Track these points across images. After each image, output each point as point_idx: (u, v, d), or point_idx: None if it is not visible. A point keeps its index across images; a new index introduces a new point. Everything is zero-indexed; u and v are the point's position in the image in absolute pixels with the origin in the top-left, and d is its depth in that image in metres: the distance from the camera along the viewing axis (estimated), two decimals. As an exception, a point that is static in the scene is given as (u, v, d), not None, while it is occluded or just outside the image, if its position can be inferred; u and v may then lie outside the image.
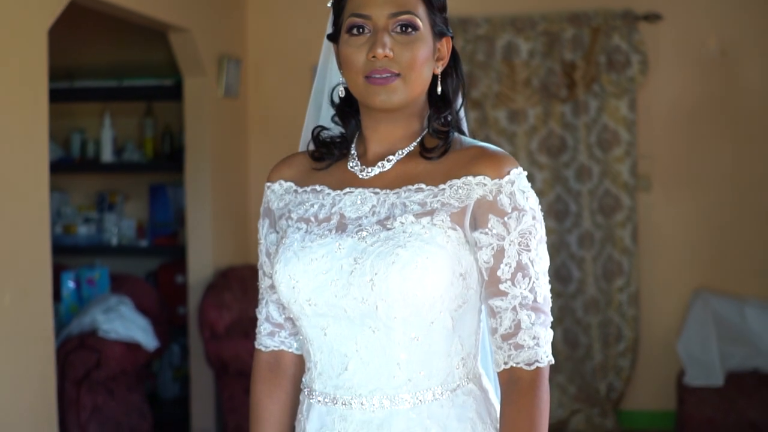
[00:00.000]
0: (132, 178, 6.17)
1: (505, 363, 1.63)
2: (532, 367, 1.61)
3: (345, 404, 1.65)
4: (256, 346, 1.84)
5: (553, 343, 5.52)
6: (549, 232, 5.54)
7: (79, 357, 4.76)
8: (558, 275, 5.62)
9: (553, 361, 1.64)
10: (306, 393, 1.73)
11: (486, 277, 1.63)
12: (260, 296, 1.83)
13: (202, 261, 5.35)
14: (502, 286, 1.62)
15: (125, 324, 4.86)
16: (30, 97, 3.67)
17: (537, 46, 5.57)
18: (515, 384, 1.61)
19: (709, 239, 5.60)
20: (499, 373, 1.65)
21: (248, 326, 5.00)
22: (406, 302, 1.59)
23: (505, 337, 1.62)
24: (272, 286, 1.79)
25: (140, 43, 5.92)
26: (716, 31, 5.51)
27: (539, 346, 1.62)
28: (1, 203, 3.49)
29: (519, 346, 1.61)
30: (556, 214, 5.61)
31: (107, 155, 5.91)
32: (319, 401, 1.68)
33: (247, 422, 4.95)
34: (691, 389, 5.27)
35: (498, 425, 1.67)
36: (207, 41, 5.26)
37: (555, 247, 5.61)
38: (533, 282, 1.62)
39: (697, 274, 5.60)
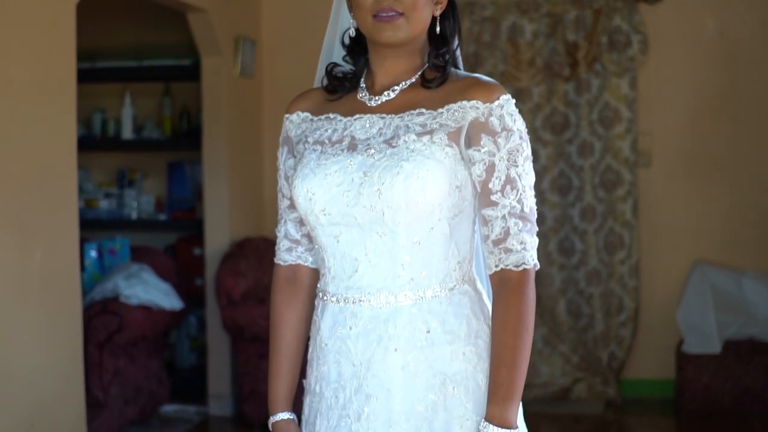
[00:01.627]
0: (150, 156, 6.40)
1: (496, 266, 1.85)
2: (520, 269, 1.83)
3: (355, 302, 1.88)
4: (276, 261, 2.06)
5: (557, 313, 5.67)
6: (552, 206, 5.77)
7: (101, 321, 4.98)
8: (561, 247, 5.83)
9: (538, 266, 1.86)
10: (321, 296, 1.95)
11: (479, 190, 1.86)
12: (279, 217, 2.06)
13: (219, 233, 5.57)
14: (493, 197, 1.84)
15: (146, 288, 5.09)
16: (59, 69, 3.88)
17: (541, 27, 5.78)
18: (505, 284, 1.84)
19: (707, 213, 5.79)
20: (490, 276, 1.87)
21: (263, 293, 5.22)
22: (409, 209, 1.81)
23: (496, 243, 1.84)
24: (290, 206, 2.02)
25: (159, 25, 6.14)
26: (714, 13, 5.71)
27: (526, 250, 1.84)
28: (32, 166, 3.70)
29: (508, 250, 1.83)
30: (559, 188, 5.82)
31: (127, 132, 6.15)
32: (333, 302, 1.91)
33: (261, 386, 5.18)
34: (689, 356, 5.46)
35: (490, 322, 1.89)
36: (224, 22, 5.49)
37: (558, 221, 5.82)
38: (520, 194, 1.84)
39: (695, 246, 5.79)
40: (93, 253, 5.33)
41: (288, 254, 2.04)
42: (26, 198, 3.64)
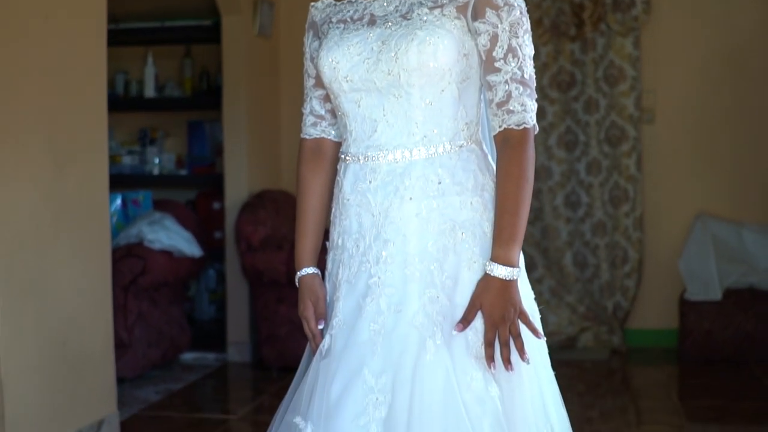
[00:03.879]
0: (171, 116, 6.62)
1: (500, 126, 2.07)
2: (521, 128, 2.06)
3: (374, 159, 2.11)
4: (302, 136, 2.30)
5: (563, 265, 5.83)
6: (560, 161, 5.97)
7: (126, 264, 5.20)
8: (568, 201, 6.04)
9: (537, 129, 2.08)
10: (343, 158, 2.19)
11: (484, 58, 2.08)
12: (305, 95, 2.30)
13: (238, 186, 5.79)
14: (496, 64, 2.06)
15: (169, 234, 5.31)
16: (90, 7, 4.10)
17: (548, -11, 5.99)
18: (508, 141, 2.06)
19: (709, 168, 5.98)
20: (495, 136, 2.09)
21: (281, 240, 5.44)
22: (422, 72, 2.05)
23: (500, 105, 2.07)
24: (315, 85, 2.26)
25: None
26: (715, -27, 5.92)
27: (526, 111, 2.06)
28: (66, 98, 3.92)
29: (510, 111, 2.06)
30: (566, 144, 6.03)
31: (149, 92, 6.36)
32: (354, 161, 2.14)
33: (279, 330, 5.41)
34: (691, 304, 5.66)
35: (495, 178, 2.11)
36: (242, -18, 5.72)
37: (565, 175, 6.04)
38: (521, 61, 2.07)
39: (697, 200, 5.98)
40: (118, 202, 5.55)
41: (313, 128, 2.28)
42: (61, 126, 3.85)
